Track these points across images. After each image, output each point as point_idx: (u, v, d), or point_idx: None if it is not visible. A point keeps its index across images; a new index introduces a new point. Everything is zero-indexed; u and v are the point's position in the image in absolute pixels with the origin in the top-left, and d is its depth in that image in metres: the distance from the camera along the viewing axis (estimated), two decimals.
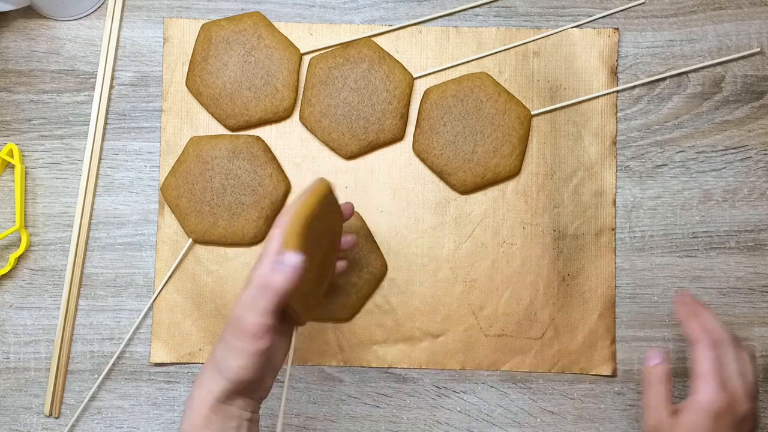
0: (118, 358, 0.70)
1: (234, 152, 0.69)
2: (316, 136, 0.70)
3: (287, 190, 0.70)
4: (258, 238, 0.69)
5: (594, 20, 0.71)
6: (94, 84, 0.71)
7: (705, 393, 0.55)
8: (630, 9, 0.72)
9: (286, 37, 0.70)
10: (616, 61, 0.71)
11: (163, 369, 0.70)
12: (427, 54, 0.71)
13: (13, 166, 0.70)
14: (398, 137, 0.70)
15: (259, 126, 0.70)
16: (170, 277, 0.70)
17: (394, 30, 0.71)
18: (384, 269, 0.70)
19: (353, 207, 0.63)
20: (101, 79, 0.71)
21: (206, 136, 0.69)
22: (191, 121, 0.71)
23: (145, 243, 0.70)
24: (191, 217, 0.68)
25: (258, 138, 0.69)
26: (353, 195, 0.70)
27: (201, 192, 0.68)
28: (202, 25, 0.70)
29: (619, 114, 0.71)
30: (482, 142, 0.69)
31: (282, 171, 0.69)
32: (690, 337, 0.58)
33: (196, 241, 0.70)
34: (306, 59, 0.71)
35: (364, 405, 0.70)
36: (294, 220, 0.51)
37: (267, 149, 0.69)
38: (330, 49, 0.71)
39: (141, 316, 0.70)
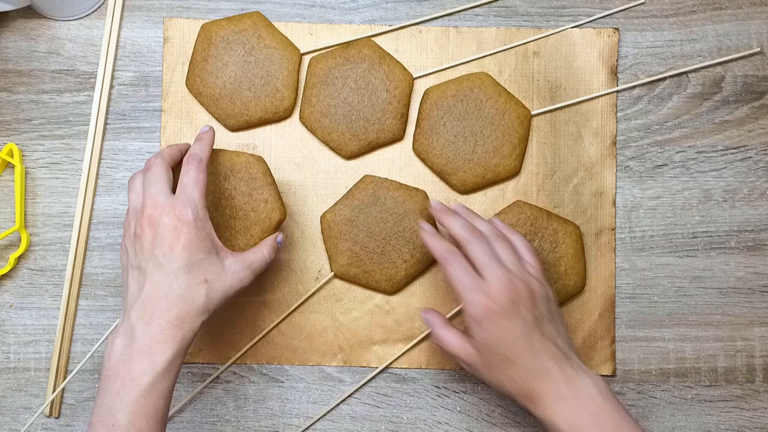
0: None
1: (232, 170, 0.64)
2: (316, 136, 0.70)
3: (281, 219, 0.64)
4: None
5: (594, 20, 0.71)
6: (94, 84, 0.71)
7: (467, 306, 0.57)
8: (630, 9, 0.72)
9: (286, 37, 0.70)
10: (616, 61, 0.71)
11: None
12: (427, 54, 0.71)
13: (13, 166, 0.70)
14: (398, 137, 0.70)
15: (259, 126, 0.70)
16: None
17: (394, 30, 0.71)
18: None
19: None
20: (101, 79, 0.71)
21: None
22: (191, 121, 0.71)
23: None
24: None
25: (260, 159, 0.65)
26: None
27: None
28: (202, 25, 0.70)
29: (619, 114, 0.71)
30: (482, 142, 0.69)
31: (279, 198, 0.65)
32: (437, 259, 0.60)
33: None
34: (306, 59, 0.71)
35: (364, 405, 0.70)
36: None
37: (267, 172, 0.65)
38: (330, 49, 0.71)
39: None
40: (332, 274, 0.69)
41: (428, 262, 0.69)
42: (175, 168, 0.61)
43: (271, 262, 0.62)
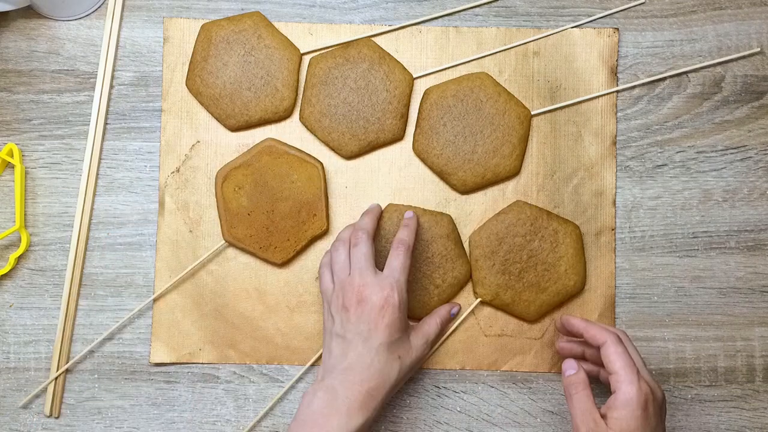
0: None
1: (293, 171, 0.69)
2: (316, 136, 0.70)
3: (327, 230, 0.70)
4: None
5: (594, 20, 0.71)
6: (94, 84, 0.71)
7: (629, 387, 0.56)
8: (630, 9, 0.72)
9: (286, 37, 0.70)
10: (616, 61, 0.71)
11: (163, 369, 0.70)
12: (427, 54, 0.71)
13: (13, 166, 0.70)
14: (398, 137, 0.70)
15: (259, 126, 0.70)
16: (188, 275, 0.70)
17: (394, 30, 0.71)
18: (468, 276, 0.69)
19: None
20: (101, 79, 0.71)
21: (279, 141, 0.69)
22: (191, 121, 0.71)
23: (145, 243, 0.70)
24: (236, 221, 0.69)
25: (320, 163, 0.69)
26: (353, 195, 0.70)
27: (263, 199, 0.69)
28: (202, 25, 0.70)
29: (619, 114, 0.71)
30: (482, 142, 0.69)
31: (327, 214, 0.69)
32: (596, 340, 0.60)
33: (230, 244, 0.70)
34: (306, 59, 0.71)
35: None
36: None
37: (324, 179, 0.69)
38: (330, 49, 0.71)
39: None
40: None
41: (460, 286, 0.69)
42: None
43: (442, 331, 0.68)
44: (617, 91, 0.71)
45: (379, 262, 0.67)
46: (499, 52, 0.71)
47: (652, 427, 0.56)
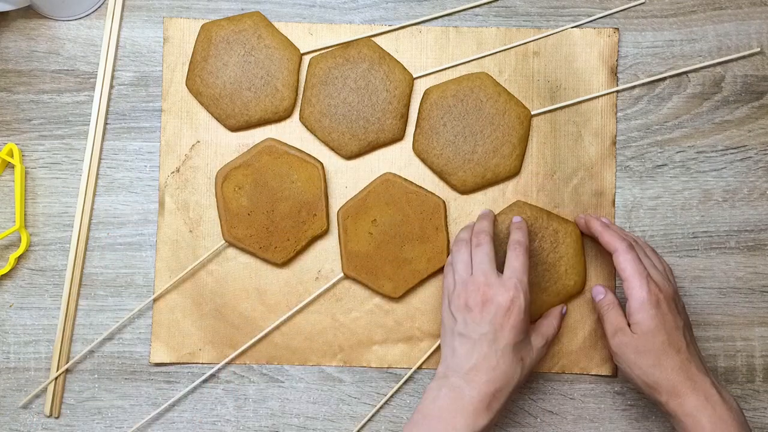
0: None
1: (291, 169, 0.69)
2: (316, 136, 0.70)
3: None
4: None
5: (594, 20, 0.71)
6: (94, 84, 0.71)
7: (638, 291, 0.60)
8: (630, 9, 0.72)
9: (286, 37, 0.70)
10: (616, 61, 0.71)
11: (163, 369, 0.70)
12: (427, 54, 0.71)
13: (13, 166, 0.70)
14: (398, 137, 0.70)
15: (259, 126, 0.71)
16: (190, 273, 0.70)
17: (394, 30, 0.71)
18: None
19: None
20: (101, 79, 0.71)
21: (279, 141, 0.69)
22: (191, 121, 0.71)
23: (145, 243, 0.70)
24: (237, 220, 0.69)
25: (320, 163, 0.69)
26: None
27: (263, 199, 0.69)
28: (202, 25, 0.70)
29: (619, 114, 0.71)
30: (482, 142, 0.69)
31: (327, 214, 0.69)
32: (608, 247, 0.63)
33: (230, 244, 0.70)
34: (306, 59, 0.71)
35: (364, 405, 0.70)
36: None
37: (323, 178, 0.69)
38: (330, 49, 0.71)
39: (131, 313, 0.70)
40: (341, 275, 0.70)
41: (437, 268, 0.69)
42: None
43: (559, 331, 0.69)
44: (617, 91, 0.71)
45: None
46: (499, 52, 0.71)
47: (670, 321, 0.60)
